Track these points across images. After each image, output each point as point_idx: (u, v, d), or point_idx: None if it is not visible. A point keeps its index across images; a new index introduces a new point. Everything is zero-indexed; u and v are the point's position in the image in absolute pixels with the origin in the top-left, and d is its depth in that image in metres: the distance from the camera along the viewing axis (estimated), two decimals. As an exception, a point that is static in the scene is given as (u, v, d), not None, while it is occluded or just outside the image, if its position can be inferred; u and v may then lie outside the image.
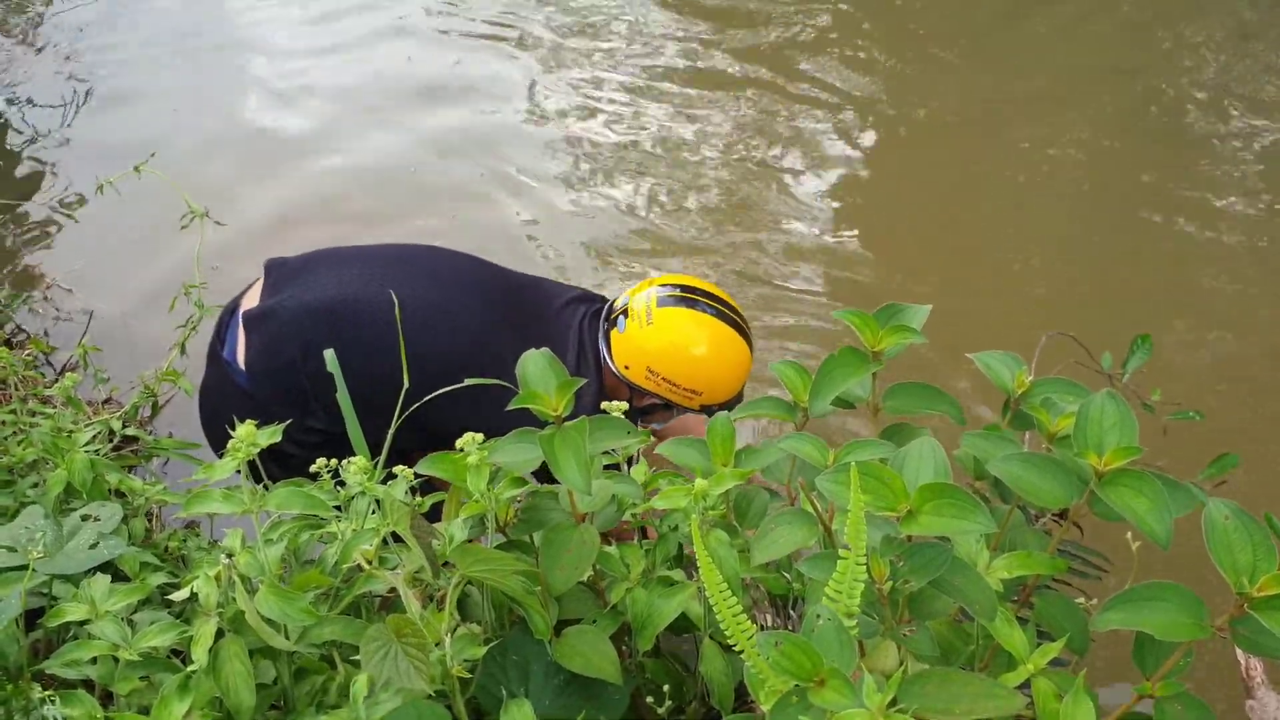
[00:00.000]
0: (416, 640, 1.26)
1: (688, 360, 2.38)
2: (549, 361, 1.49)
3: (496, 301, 2.46)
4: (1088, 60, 5.50)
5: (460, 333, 2.36)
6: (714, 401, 2.44)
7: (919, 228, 4.51)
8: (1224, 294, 4.09)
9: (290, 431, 2.24)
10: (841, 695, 1.02)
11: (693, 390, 2.39)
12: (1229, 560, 1.13)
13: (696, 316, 2.39)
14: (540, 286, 2.64)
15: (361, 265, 2.43)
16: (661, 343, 2.37)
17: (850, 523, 1.11)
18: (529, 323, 2.46)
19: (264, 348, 2.34)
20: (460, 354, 2.32)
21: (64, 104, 5.41)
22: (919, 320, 1.50)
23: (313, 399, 2.32)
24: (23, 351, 3.42)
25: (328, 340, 2.22)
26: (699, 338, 2.38)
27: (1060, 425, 1.40)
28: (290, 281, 2.41)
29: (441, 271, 2.47)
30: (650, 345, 2.37)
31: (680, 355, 2.37)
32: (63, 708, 1.40)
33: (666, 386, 2.39)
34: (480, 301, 2.43)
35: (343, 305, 2.33)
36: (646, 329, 2.38)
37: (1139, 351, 2.45)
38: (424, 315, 2.33)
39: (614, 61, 5.72)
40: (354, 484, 1.58)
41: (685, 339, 2.38)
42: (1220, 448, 2.23)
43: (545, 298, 2.58)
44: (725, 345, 2.39)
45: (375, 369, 2.20)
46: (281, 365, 2.32)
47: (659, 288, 2.43)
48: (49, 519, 1.78)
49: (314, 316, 2.32)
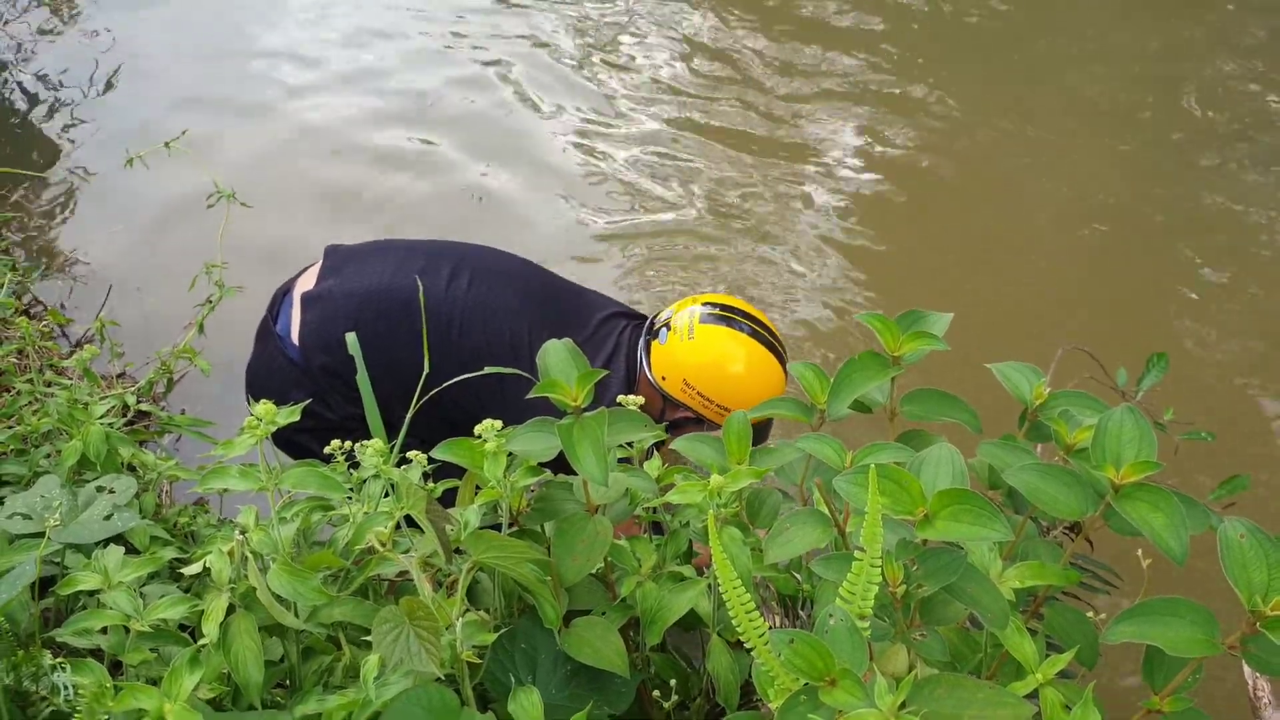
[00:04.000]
0: (429, 623, 1.26)
1: (723, 377, 2.44)
2: (570, 352, 1.50)
3: (538, 304, 2.54)
4: (1108, 74, 5.49)
5: (498, 332, 2.45)
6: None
7: (933, 239, 4.51)
8: (1239, 314, 4.08)
9: (332, 403, 2.41)
10: (852, 695, 1.02)
11: (724, 407, 2.44)
12: (1243, 578, 1.13)
13: (736, 335, 2.46)
14: (584, 295, 2.72)
15: (413, 257, 2.53)
16: (700, 358, 2.44)
17: (867, 525, 1.11)
18: (569, 327, 2.50)
19: (317, 325, 2.45)
20: (495, 352, 2.41)
21: (89, 81, 5.43)
22: (941, 327, 1.50)
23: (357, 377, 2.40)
24: (40, 322, 3.44)
25: (373, 326, 2.38)
26: (737, 356, 2.45)
27: (1078, 438, 1.40)
28: (346, 266, 2.53)
29: (489, 270, 2.55)
30: (689, 359, 2.44)
31: (717, 371, 2.45)
32: (73, 675, 1.40)
33: (700, 400, 2.45)
34: (522, 302, 2.51)
35: (390, 294, 2.44)
36: (687, 343, 2.45)
37: (1154, 369, 2.44)
38: (464, 312, 2.44)
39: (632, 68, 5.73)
40: (369, 466, 1.59)
41: (723, 356, 2.45)
42: (1232, 469, 2.23)
43: (589, 306, 2.66)
44: (760, 366, 2.45)
45: (414, 359, 2.26)
46: (332, 342, 2.41)
47: (703, 305, 2.51)
48: (64, 489, 1.79)
49: (363, 302, 2.44)
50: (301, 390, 2.38)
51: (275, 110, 5.31)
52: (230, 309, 2.97)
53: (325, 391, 2.43)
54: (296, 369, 2.47)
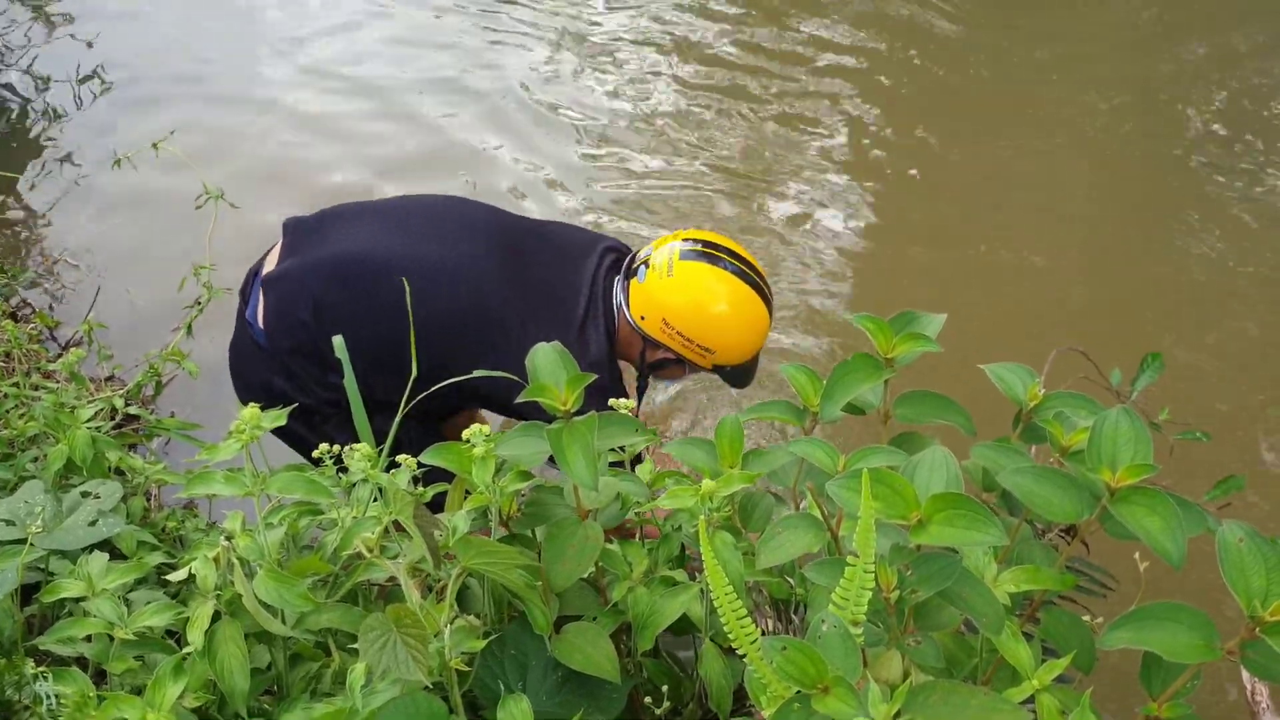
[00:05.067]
0: (416, 631, 1.25)
1: (705, 316, 2.35)
2: (559, 355, 1.48)
3: (506, 253, 2.41)
4: (1106, 76, 5.49)
5: (461, 288, 2.32)
6: (727, 362, 2.42)
7: (926, 239, 4.50)
8: (1234, 314, 4.07)
9: (306, 385, 2.36)
10: (846, 703, 1.01)
11: (706, 348, 2.37)
12: (1242, 583, 1.12)
13: (717, 273, 2.35)
14: (560, 234, 2.59)
15: (371, 221, 2.43)
16: (680, 297, 2.34)
17: (860, 530, 1.10)
18: (539, 274, 2.42)
19: (277, 308, 2.37)
20: (459, 311, 2.30)
21: (79, 80, 5.40)
22: (934, 329, 1.49)
23: (326, 353, 2.30)
24: (27, 325, 3.42)
25: (334, 299, 2.30)
26: (718, 294, 2.35)
27: (1073, 440, 1.38)
28: (305, 241, 2.44)
29: (451, 224, 2.44)
30: (668, 298, 2.35)
31: (698, 311, 2.34)
32: (56, 684, 1.38)
33: (680, 341, 2.36)
34: (486, 253, 2.39)
35: (348, 264, 2.34)
36: (666, 280, 2.35)
37: (1149, 370, 2.43)
38: (426, 272, 2.31)
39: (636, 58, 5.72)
40: (357, 471, 1.58)
41: (704, 295, 2.35)
42: (1226, 469, 2.21)
43: (563, 245, 2.53)
44: (744, 305, 2.36)
45: (379, 327, 2.25)
46: (294, 324, 2.34)
47: (683, 241, 2.40)
48: (49, 494, 1.77)
49: (321, 276, 2.34)
50: (278, 376, 2.37)
51: (268, 111, 5.28)
52: (220, 310, 2.94)
53: (299, 375, 2.37)
54: (266, 355, 2.40)
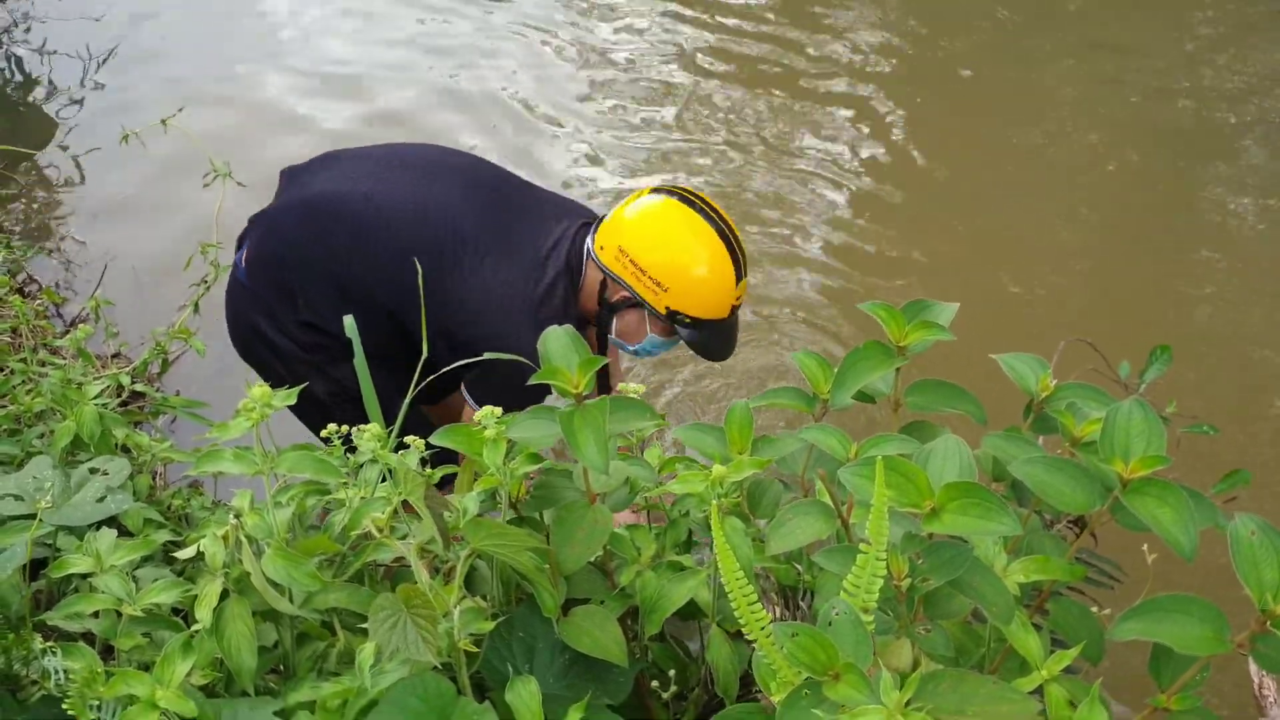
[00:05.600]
0: (426, 611, 1.25)
1: (660, 246, 2.27)
2: (571, 339, 1.48)
3: (480, 196, 2.42)
4: (1113, 71, 5.47)
5: (424, 224, 2.35)
6: (681, 309, 2.29)
7: (935, 231, 4.49)
8: (1241, 307, 4.07)
9: (284, 324, 2.43)
10: (857, 690, 1.01)
11: (658, 283, 2.26)
12: (1254, 576, 1.11)
13: (684, 210, 2.27)
14: (545, 194, 2.59)
15: (353, 163, 2.49)
16: (639, 223, 2.28)
17: (872, 518, 1.10)
18: (509, 219, 2.41)
19: (258, 246, 2.46)
20: (421, 244, 2.30)
21: (87, 57, 5.38)
22: (946, 318, 1.48)
23: (297, 290, 2.41)
24: (34, 301, 3.41)
25: (303, 236, 2.39)
26: (679, 227, 2.27)
27: (1085, 431, 1.38)
28: (293, 183, 2.52)
29: (432, 167, 2.47)
30: (627, 224, 2.29)
31: (654, 239, 2.27)
32: (64, 660, 1.38)
33: (633, 272, 2.27)
34: (459, 193, 2.40)
35: (318, 201, 2.41)
36: (630, 209, 2.31)
37: (1158, 362, 2.42)
38: (394, 210, 2.36)
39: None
40: (366, 451, 1.57)
41: (664, 224, 2.28)
42: (1233, 463, 2.21)
43: (544, 200, 2.53)
44: (704, 244, 2.26)
45: (349, 263, 2.34)
46: (270, 261, 2.43)
47: (658, 186, 2.37)
48: (57, 470, 1.77)
49: (294, 214, 2.43)
50: (260, 315, 2.44)
51: (278, 86, 5.27)
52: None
53: (278, 315, 2.43)
54: (249, 293, 2.47)
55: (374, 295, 2.34)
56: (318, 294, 2.38)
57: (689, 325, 2.32)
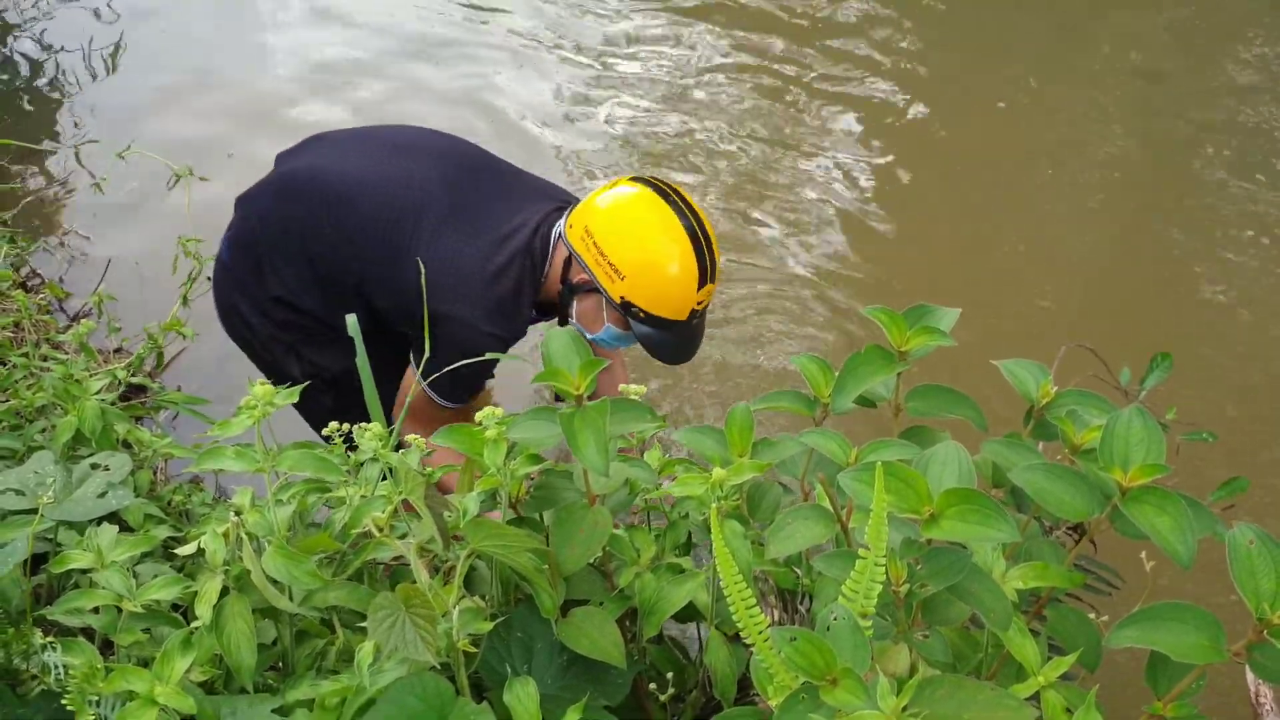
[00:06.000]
0: (425, 611, 1.25)
1: (624, 233, 2.22)
2: (572, 340, 1.48)
3: (452, 174, 2.40)
4: (1117, 71, 5.47)
5: (386, 197, 2.34)
6: (636, 301, 2.24)
7: (935, 236, 4.49)
8: (1240, 314, 4.06)
9: (259, 302, 2.45)
10: (854, 695, 1.01)
11: (617, 269, 2.22)
12: (1251, 585, 1.12)
13: (656, 202, 2.24)
14: (526, 177, 2.55)
15: (333, 142, 2.52)
16: (608, 207, 2.25)
17: (872, 523, 1.10)
18: (479, 201, 2.38)
19: (236, 224, 2.50)
20: (380, 217, 2.32)
21: (94, 49, 5.38)
22: (948, 323, 1.49)
23: (268, 266, 2.44)
24: (37, 296, 3.42)
25: (275, 213, 2.41)
26: (646, 217, 2.23)
27: (1085, 438, 1.38)
28: (278, 165, 2.55)
29: (407, 146, 2.47)
30: (597, 207, 2.26)
31: (619, 225, 2.23)
32: (63, 655, 1.39)
33: (594, 254, 2.23)
34: (429, 170, 2.39)
35: (293, 178, 2.43)
36: (606, 192, 2.28)
37: (1158, 369, 2.42)
38: (361, 183, 2.37)
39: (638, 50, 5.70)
40: (367, 450, 1.58)
41: (632, 212, 2.24)
42: (1231, 470, 2.21)
43: (522, 183, 2.50)
44: (670, 240, 2.22)
45: (317, 235, 2.35)
46: (245, 237, 2.46)
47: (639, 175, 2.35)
48: (58, 465, 1.77)
49: (271, 191, 2.46)
50: (240, 296, 2.47)
51: (279, 80, 5.27)
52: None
53: (252, 289, 2.45)
54: (230, 274, 2.50)
55: (340, 268, 2.36)
56: (288, 268, 2.40)
57: (642, 320, 2.27)
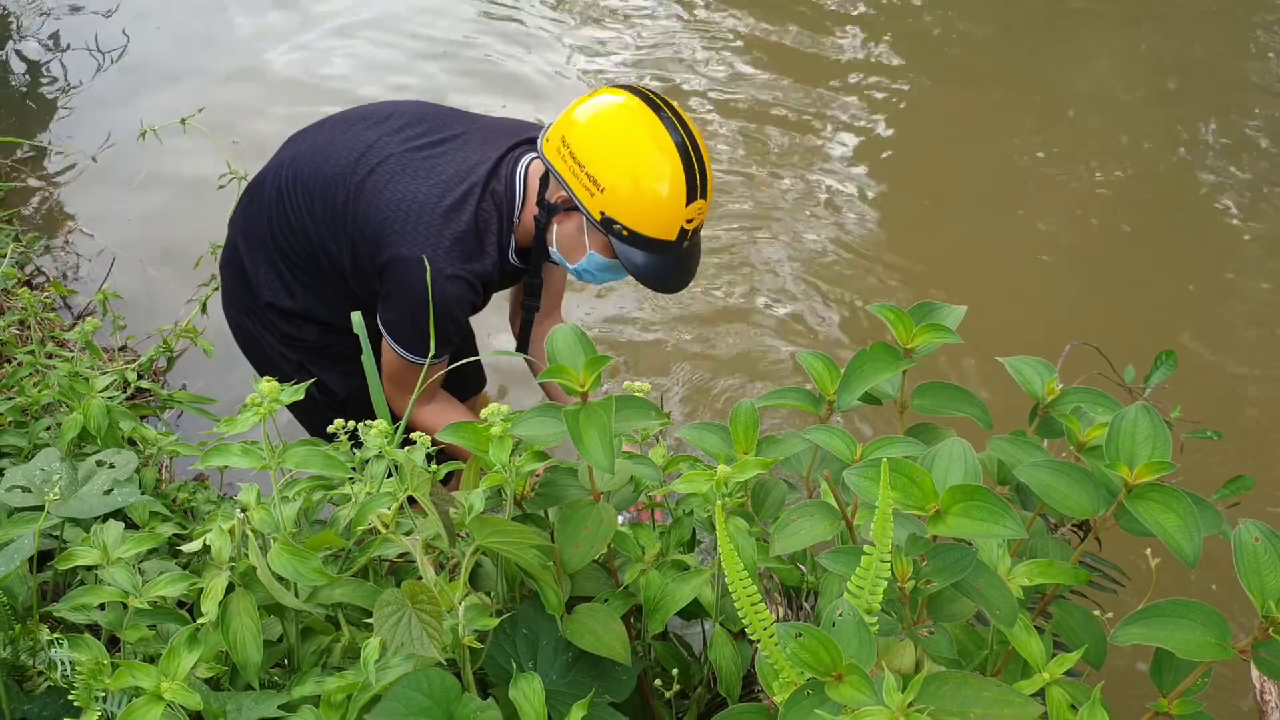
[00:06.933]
0: (430, 607, 1.25)
1: (605, 140, 2.04)
2: (577, 336, 1.48)
3: (410, 133, 2.28)
4: (1120, 70, 5.47)
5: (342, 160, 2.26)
6: (617, 216, 2.06)
7: (939, 233, 4.49)
8: (1247, 314, 4.06)
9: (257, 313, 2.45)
10: (860, 692, 1.01)
11: (595, 180, 2.04)
12: (1257, 583, 1.12)
13: (642, 109, 2.05)
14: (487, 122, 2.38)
15: (296, 137, 2.47)
16: (589, 116, 2.07)
17: (877, 520, 1.10)
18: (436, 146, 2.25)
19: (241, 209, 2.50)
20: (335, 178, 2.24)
21: (96, 48, 5.39)
22: (954, 320, 1.49)
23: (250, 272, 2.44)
24: (42, 294, 3.42)
25: (248, 212, 2.42)
26: (629, 124, 2.04)
27: (1090, 435, 1.38)
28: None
29: (369, 115, 2.37)
30: (575, 114, 2.09)
31: (600, 132, 2.05)
32: (70, 651, 1.39)
33: (571, 165, 2.05)
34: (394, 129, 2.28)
35: (256, 183, 2.43)
36: (587, 102, 2.11)
37: (1162, 367, 2.43)
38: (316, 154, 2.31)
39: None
40: (373, 447, 1.58)
41: (614, 120, 2.06)
42: (1237, 469, 2.21)
43: (481, 129, 2.32)
44: (655, 148, 2.02)
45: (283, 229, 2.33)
46: (227, 253, 2.52)
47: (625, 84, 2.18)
48: (64, 462, 1.77)
49: (241, 203, 2.47)
50: (236, 310, 2.51)
51: (293, 84, 5.27)
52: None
53: (246, 301, 2.46)
54: (226, 293, 2.54)
55: (306, 249, 2.31)
56: (268, 268, 2.40)
57: (626, 240, 2.08)
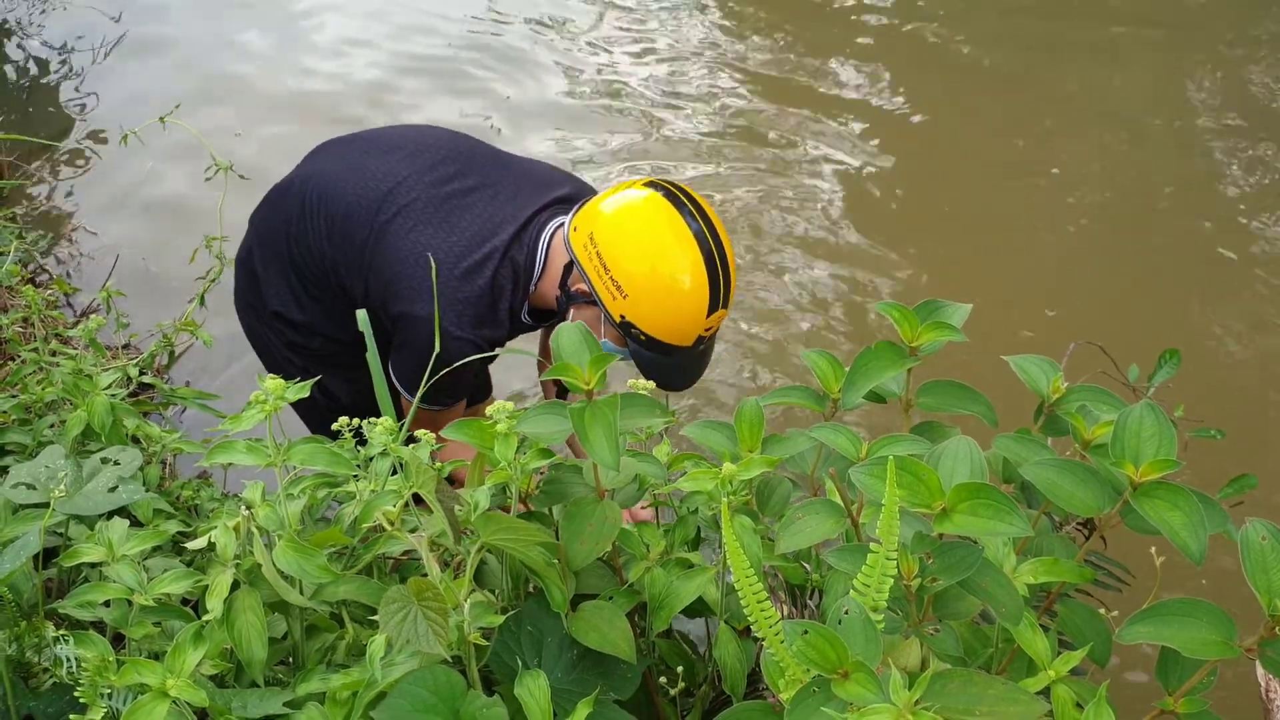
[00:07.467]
0: (436, 604, 1.25)
1: (631, 243, 2.04)
2: (582, 335, 1.48)
3: (440, 173, 2.25)
4: (1122, 65, 5.47)
5: (366, 194, 2.23)
6: (636, 322, 2.06)
7: (942, 235, 4.48)
8: (1252, 311, 4.06)
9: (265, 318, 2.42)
10: (867, 689, 1.01)
11: (618, 284, 2.04)
12: (1264, 582, 1.12)
13: (671, 214, 2.04)
14: (525, 167, 2.37)
15: (326, 149, 2.43)
16: (617, 215, 2.07)
17: (884, 517, 1.10)
18: (464, 195, 2.23)
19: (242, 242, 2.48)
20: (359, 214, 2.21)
21: (99, 46, 5.39)
22: (959, 318, 1.48)
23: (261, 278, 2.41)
24: (45, 291, 3.43)
25: (269, 219, 2.37)
26: (658, 231, 2.04)
27: (1096, 434, 1.38)
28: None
29: (400, 142, 2.33)
30: (606, 212, 2.09)
31: (627, 237, 2.05)
32: (75, 648, 1.39)
33: (596, 265, 2.05)
34: (415, 169, 2.25)
35: (286, 184, 2.39)
36: (615, 196, 2.11)
37: (1166, 366, 2.42)
38: (343, 180, 2.26)
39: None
40: (377, 444, 1.58)
41: (642, 223, 2.06)
42: (1238, 468, 2.21)
43: (511, 178, 2.29)
44: (682, 259, 2.03)
45: (299, 245, 2.30)
46: (242, 253, 2.46)
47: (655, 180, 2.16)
48: (69, 459, 1.78)
49: (264, 204, 2.43)
50: (247, 312, 2.48)
51: (289, 78, 5.27)
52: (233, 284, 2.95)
53: (256, 304, 2.44)
54: (238, 293, 2.51)
55: (320, 271, 2.29)
56: (279, 279, 2.37)
57: (642, 343, 2.10)
